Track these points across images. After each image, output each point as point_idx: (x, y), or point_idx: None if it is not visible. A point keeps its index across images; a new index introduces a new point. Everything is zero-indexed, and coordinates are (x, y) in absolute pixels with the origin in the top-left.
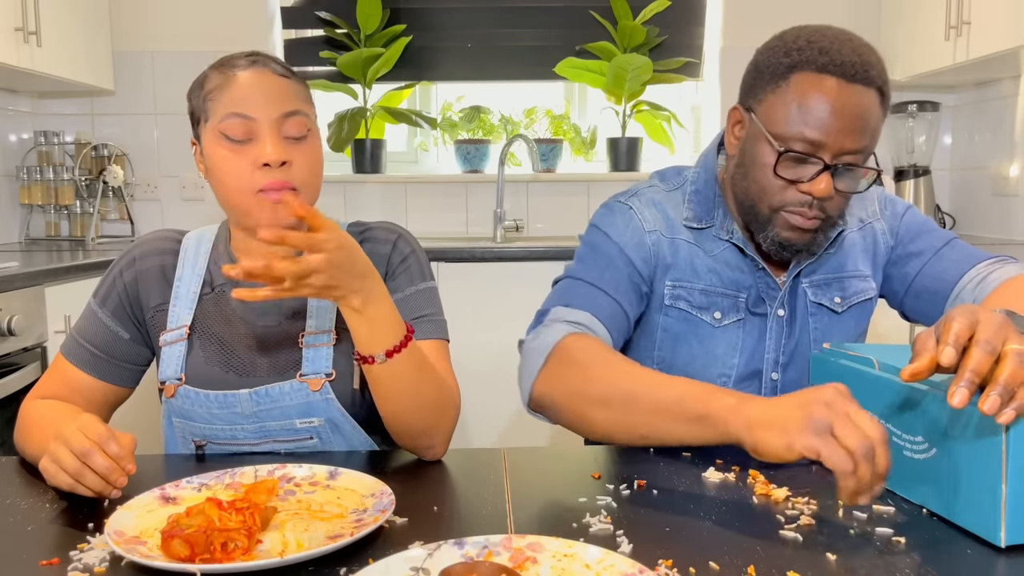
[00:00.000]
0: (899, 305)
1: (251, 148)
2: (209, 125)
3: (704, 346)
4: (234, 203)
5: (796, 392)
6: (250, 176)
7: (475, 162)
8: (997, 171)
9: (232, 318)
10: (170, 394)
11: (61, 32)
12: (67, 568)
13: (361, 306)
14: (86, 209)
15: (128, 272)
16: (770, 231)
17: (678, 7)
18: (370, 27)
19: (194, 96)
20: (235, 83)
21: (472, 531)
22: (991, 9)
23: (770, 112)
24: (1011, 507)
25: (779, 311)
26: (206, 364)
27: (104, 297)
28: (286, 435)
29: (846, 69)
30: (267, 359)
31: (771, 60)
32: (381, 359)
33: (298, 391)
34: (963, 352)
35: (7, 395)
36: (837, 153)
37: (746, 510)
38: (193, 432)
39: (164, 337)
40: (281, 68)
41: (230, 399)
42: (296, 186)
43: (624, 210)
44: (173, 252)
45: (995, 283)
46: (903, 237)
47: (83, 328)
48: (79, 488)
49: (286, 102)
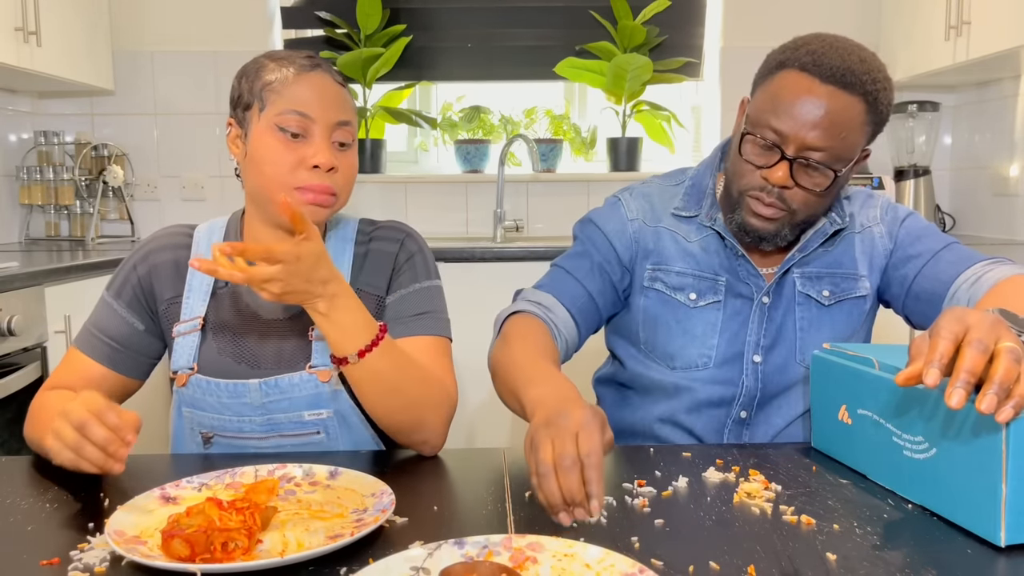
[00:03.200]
0: (901, 309)
1: (301, 146)
2: (264, 114)
3: (682, 326)
4: (268, 191)
5: (557, 408)
6: (293, 172)
7: (475, 162)
8: (997, 171)
9: (245, 312)
10: (181, 383)
11: (61, 32)
12: (67, 568)
13: (327, 310)
14: (86, 209)
15: (142, 265)
16: (737, 214)
17: (678, 7)
18: (370, 27)
19: (246, 82)
20: (301, 82)
21: (472, 531)
22: (991, 9)
23: (756, 102)
24: (1011, 507)
25: (764, 298)
26: (218, 355)
27: (119, 289)
28: (294, 428)
29: (824, 71)
30: (278, 352)
31: (771, 57)
32: (354, 359)
33: (307, 382)
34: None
35: (7, 395)
36: (800, 147)
37: (746, 510)
38: (201, 423)
39: (178, 328)
40: (339, 76)
41: (240, 388)
42: (336, 191)
43: (613, 202)
44: (186, 246)
45: (990, 283)
46: (903, 241)
47: (98, 320)
48: (82, 464)
49: (342, 110)
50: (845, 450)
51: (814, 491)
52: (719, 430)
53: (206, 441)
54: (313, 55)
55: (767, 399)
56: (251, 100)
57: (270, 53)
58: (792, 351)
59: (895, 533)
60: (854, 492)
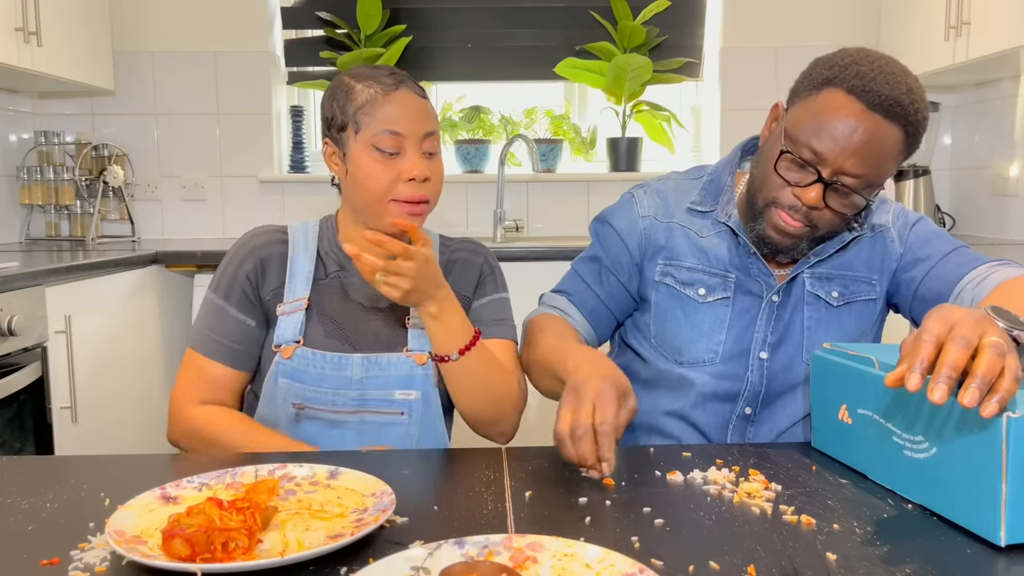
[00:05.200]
0: (908, 311)
1: (397, 161)
2: (360, 136)
3: (690, 320)
4: (368, 205)
5: (585, 375)
6: (391, 186)
7: (475, 162)
8: (997, 171)
9: (347, 300)
10: (288, 355)
11: (61, 32)
12: (68, 568)
13: (437, 312)
14: (86, 209)
15: (249, 261)
16: (758, 224)
17: (678, 7)
18: (370, 27)
19: (339, 104)
20: (390, 102)
21: (472, 531)
22: (991, 9)
23: (797, 115)
24: (1011, 506)
25: (773, 296)
26: (323, 335)
27: (227, 291)
28: (383, 406)
29: (872, 98)
30: (375, 335)
31: (817, 70)
32: (455, 357)
33: (404, 363)
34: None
35: (7, 395)
36: (836, 171)
37: (746, 510)
38: (297, 395)
39: (282, 308)
40: (420, 90)
41: (344, 361)
42: (429, 198)
43: (627, 198)
44: (283, 242)
45: (994, 283)
46: (912, 244)
47: (213, 324)
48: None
49: (427, 122)
50: (845, 450)
51: (814, 491)
52: (724, 426)
53: (298, 412)
54: (395, 71)
55: (772, 397)
56: (345, 122)
57: (353, 72)
58: (799, 350)
59: (895, 533)
60: (854, 492)
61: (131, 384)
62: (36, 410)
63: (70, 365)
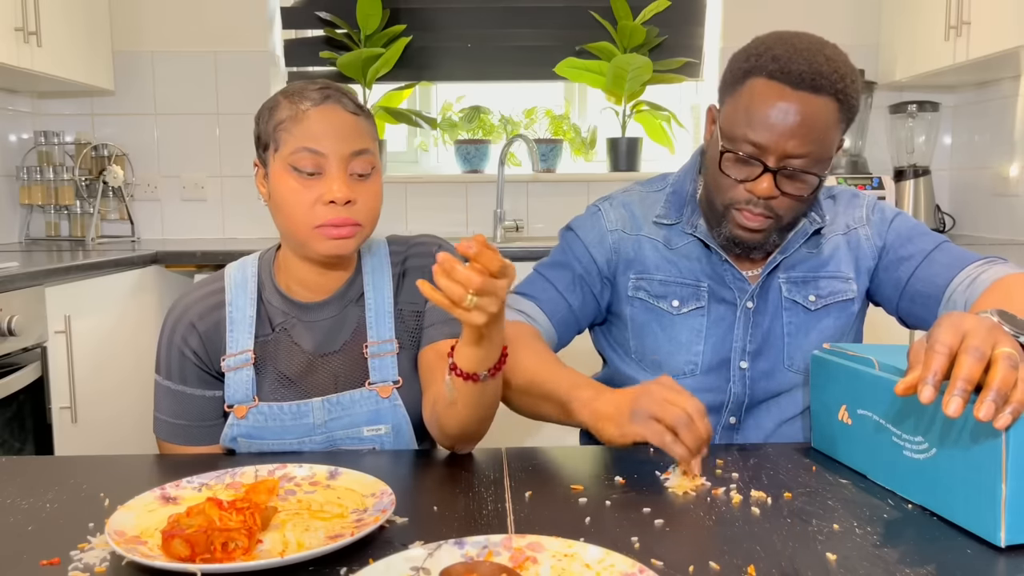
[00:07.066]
0: (895, 311)
1: (318, 183)
2: (279, 155)
3: (667, 333)
4: (293, 232)
5: (635, 387)
6: (312, 210)
7: (475, 162)
8: (997, 171)
9: (297, 351)
10: (241, 415)
11: (61, 32)
12: (67, 568)
13: (488, 331)
14: (86, 209)
15: (192, 338)
16: (724, 227)
17: (678, 7)
18: (370, 27)
19: (263, 122)
20: (308, 118)
21: (472, 531)
22: (991, 9)
23: (728, 113)
24: (1011, 507)
25: (748, 303)
26: (279, 385)
27: (180, 373)
28: (352, 444)
29: (793, 77)
30: (336, 379)
31: (735, 65)
32: (484, 376)
33: (368, 398)
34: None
35: (7, 395)
36: (781, 156)
37: (746, 510)
38: (261, 450)
39: (227, 362)
40: (352, 105)
41: (303, 408)
42: (359, 222)
43: (593, 211)
44: (220, 301)
45: (986, 283)
46: (893, 243)
47: (175, 410)
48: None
49: (355, 140)
50: (845, 450)
51: (814, 491)
52: (732, 446)
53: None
54: (327, 85)
55: (755, 404)
56: (268, 141)
57: (286, 89)
58: (780, 357)
59: (895, 533)
60: (854, 492)
61: (131, 384)
62: (36, 410)
63: (70, 365)
